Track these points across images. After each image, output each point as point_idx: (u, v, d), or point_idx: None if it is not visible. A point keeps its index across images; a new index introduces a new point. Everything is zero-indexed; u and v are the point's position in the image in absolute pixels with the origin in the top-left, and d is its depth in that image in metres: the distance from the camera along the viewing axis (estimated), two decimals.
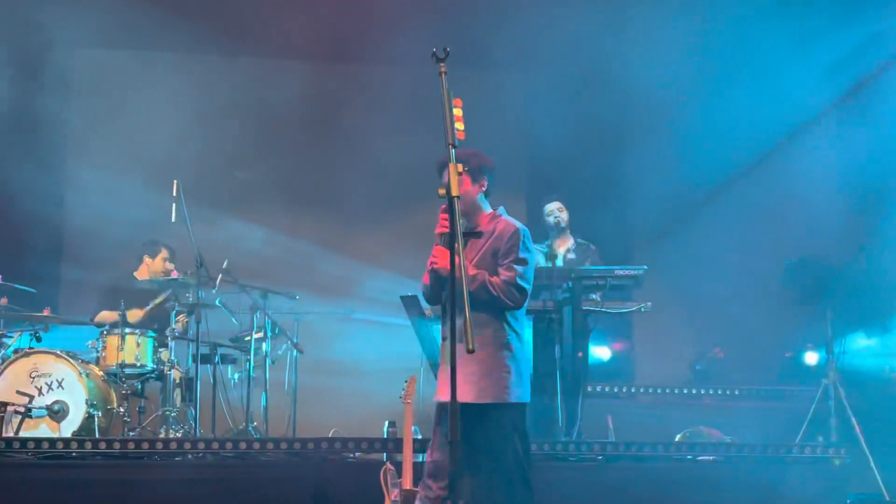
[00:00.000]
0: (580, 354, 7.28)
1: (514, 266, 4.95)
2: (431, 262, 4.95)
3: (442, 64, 4.06)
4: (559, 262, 7.93)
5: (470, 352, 3.75)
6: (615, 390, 8.82)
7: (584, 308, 7.28)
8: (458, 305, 3.83)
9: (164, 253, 8.51)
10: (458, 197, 3.97)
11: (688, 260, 9.43)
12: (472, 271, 4.91)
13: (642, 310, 7.45)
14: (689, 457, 6.97)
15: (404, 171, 9.77)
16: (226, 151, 9.89)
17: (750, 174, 9.74)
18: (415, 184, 9.82)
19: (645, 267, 7.38)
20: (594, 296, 7.43)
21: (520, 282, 4.93)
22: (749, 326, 9.15)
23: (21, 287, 7.73)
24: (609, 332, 8.91)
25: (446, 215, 4.82)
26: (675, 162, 9.39)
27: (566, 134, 9.11)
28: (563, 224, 8.12)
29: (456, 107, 4.05)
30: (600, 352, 9.00)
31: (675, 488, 6.54)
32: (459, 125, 4.06)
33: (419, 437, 6.89)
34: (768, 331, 9.16)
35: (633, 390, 8.93)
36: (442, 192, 4.00)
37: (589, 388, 7.63)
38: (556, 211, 8.13)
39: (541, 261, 7.92)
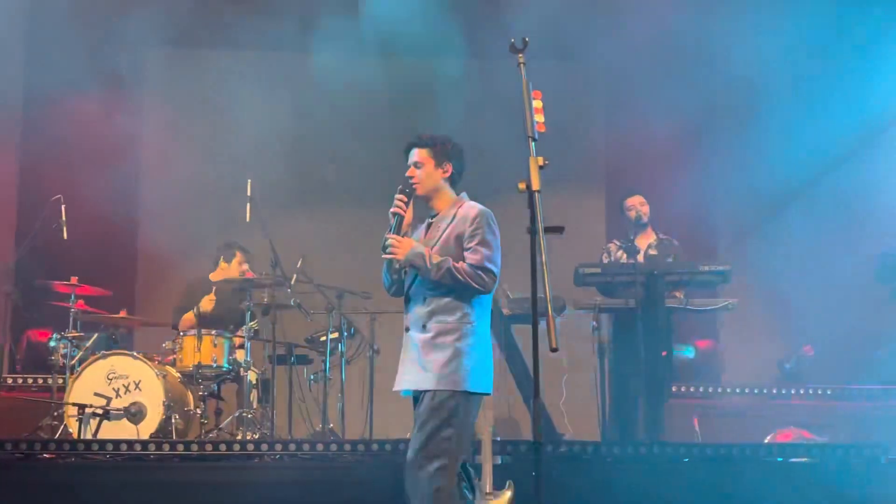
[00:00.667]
0: (664, 353, 7.13)
1: (481, 249, 4.76)
2: (391, 253, 4.80)
3: (520, 55, 3.94)
4: (641, 259, 7.72)
5: (554, 350, 3.60)
6: (701, 390, 8.64)
7: (668, 306, 7.10)
8: (542, 305, 3.66)
9: (239, 257, 8.48)
10: (538, 191, 3.82)
11: (775, 255, 9.18)
12: (436, 258, 4.74)
13: (728, 308, 7.24)
14: (780, 459, 6.71)
15: (478, 166, 9.62)
16: (300, 151, 9.86)
17: (840, 167, 9.42)
18: (489, 178, 9.76)
19: (730, 264, 7.16)
20: (677, 293, 7.24)
21: (487, 265, 4.73)
22: (840, 323, 8.83)
23: (97, 289, 7.79)
24: (694, 330, 8.69)
25: (403, 196, 4.83)
26: (762, 155, 9.13)
27: (647, 126, 8.92)
28: (644, 219, 7.87)
29: (535, 98, 3.91)
30: (685, 351, 8.78)
31: (764, 492, 6.30)
32: (539, 117, 3.92)
33: (497, 438, 6.76)
34: (861, 327, 8.84)
35: (719, 390, 8.74)
36: (522, 186, 3.86)
37: (673, 389, 7.46)
38: (637, 205, 7.86)
39: (621, 257, 7.75)
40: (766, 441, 7.57)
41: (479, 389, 4.76)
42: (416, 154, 4.95)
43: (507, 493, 5.47)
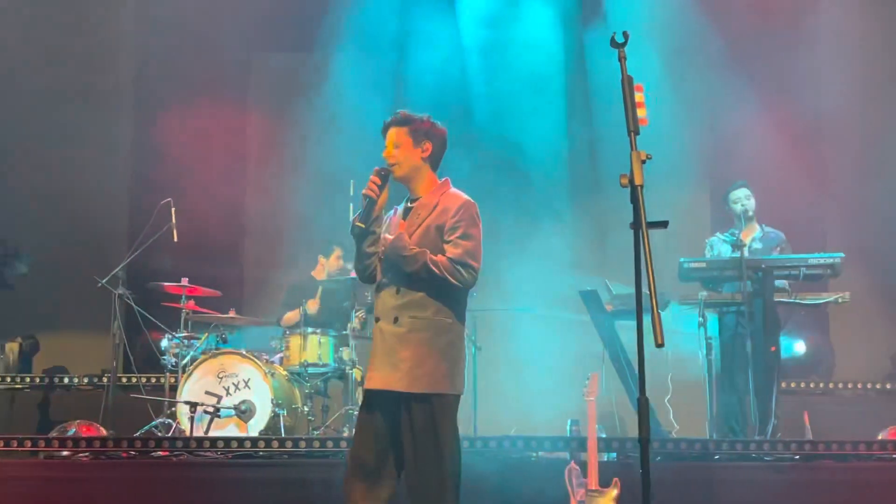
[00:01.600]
0: (773, 349, 6.98)
1: (462, 242, 4.49)
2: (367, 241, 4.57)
3: (621, 49, 3.89)
4: (746, 253, 7.56)
5: (659, 346, 3.45)
6: (811, 386, 8.44)
7: (776, 300, 6.94)
8: (647, 302, 3.60)
9: (337, 251, 8.58)
10: (641, 186, 3.75)
11: (888, 246, 8.89)
12: (412, 249, 4.47)
13: (839, 301, 7.05)
14: (895, 456, 6.52)
15: (584, 164, 9.59)
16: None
17: None
18: (593, 176, 9.71)
19: (842, 254, 6.96)
20: (786, 286, 7.08)
21: (467, 260, 4.48)
22: None
23: (207, 289, 7.96)
24: (804, 324, 8.48)
25: (378, 178, 4.56)
26: (871, 141, 8.89)
27: (750, 116, 8.76)
28: (750, 212, 7.71)
29: (637, 92, 3.85)
30: (794, 346, 8.59)
31: (878, 490, 6.11)
32: (641, 111, 3.85)
33: (603, 435, 6.72)
34: None
35: (830, 386, 8.52)
36: (625, 181, 3.76)
37: (783, 385, 7.31)
38: (742, 198, 7.71)
39: (725, 251, 7.61)
40: (878, 438, 7.35)
41: (455, 391, 4.54)
42: (393, 134, 4.68)
43: (613, 491, 5.43)
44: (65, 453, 6.61)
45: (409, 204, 4.70)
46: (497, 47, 9.69)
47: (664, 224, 3.68)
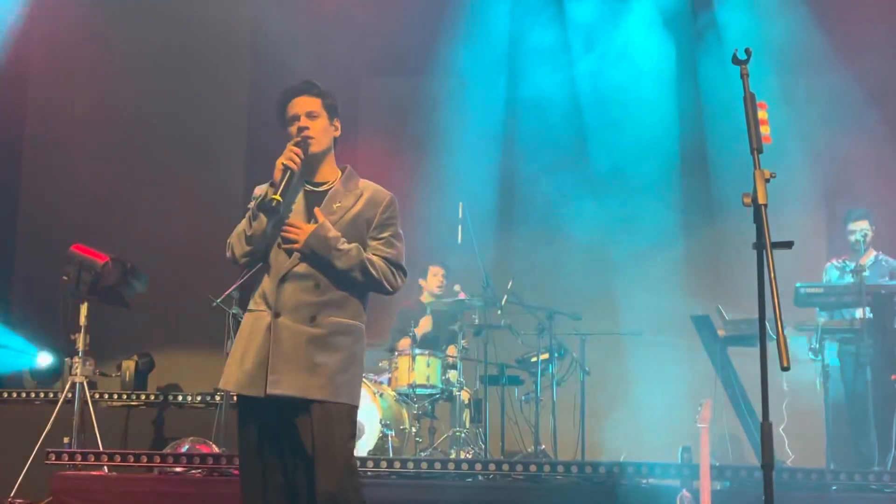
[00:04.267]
0: (893, 377, 6.76)
1: (396, 243, 4.10)
2: (289, 241, 3.95)
3: (743, 66, 3.81)
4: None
5: (785, 369, 3.25)
6: None
7: None
8: (773, 324, 3.48)
9: (433, 269, 8.61)
10: (765, 205, 3.64)
11: None
12: (346, 244, 3.97)
13: None
14: None
15: (697, 185, 9.46)
16: (508, 171, 9.94)
17: None
18: (702, 200, 9.57)
19: None
20: None
21: (402, 263, 4.11)
22: None
23: None
24: None
25: (300, 150, 3.98)
26: None
27: (870, 138, 8.53)
28: (865, 241, 7.54)
29: (761, 109, 3.77)
30: None
31: None
32: (765, 129, 3.77)
33: (716, 463, 6.57)
34: None
35: None
36: (748, 200, 3.65)
37: None
38: (862, 227, 7.55)
39: (833, 277, 7.45)
40: None
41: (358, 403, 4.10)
42: (308, 103, 4.08)
43: None
44: (178, 469, 6.74)
45: (311, 188, 4.12)
46: (607, 66, 9.65)
47: (789, 244, 3.58)
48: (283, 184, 3.91)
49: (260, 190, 4.06)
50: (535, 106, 9.67)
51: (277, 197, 3.89)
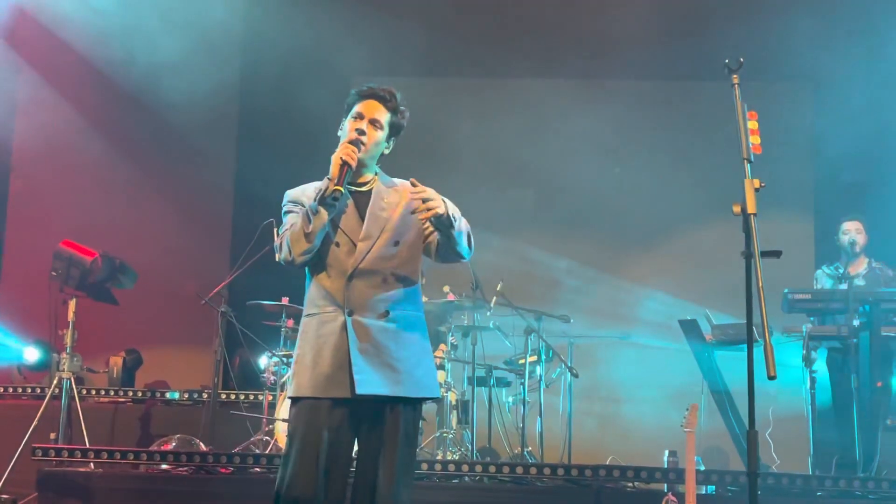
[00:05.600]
0: (879, 384, 6.79)
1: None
2: (431, 208, 3.81)
3: (735, 75, 3.83)
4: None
5: (771, 378, 3.32)
6: None
7: (884, 333, 6.77)
8: (759, 330, 3.53)
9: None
10: (754, 214, 3.68)
11: None
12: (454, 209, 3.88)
13: None
14: None
15: (681, 190, 9.49)
16: (500, 174, 9.95)
17: None
18: (692, 203, 9.59)
19: None
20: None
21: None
22: None
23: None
24: None
25: (357, 148, 3.89)
26: None
27: (860, 148, 8.57)
28: (857, 248, 7.51)
29: (751, 119, 3.79)
30: None
31: None
32: (755, 139, 3.79)
33: (702, 467, 6.60)
34: None
35: None
36: (737, 209, 3.69)
37: (888, 421, 7.08)
38: (853, 231, 7.52)
39: (826, 285, 7.46)
40: None
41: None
42: (379, 110, 4.01)
43: None
44: (164, 467, 6.74)
45: (355, 188, 4.03)
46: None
47: (777, 253, 3.60)
48: (342, 177, 3.84)
49: (296, 194, 4.04)
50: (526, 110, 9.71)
51: (340, 188, 3.83)
